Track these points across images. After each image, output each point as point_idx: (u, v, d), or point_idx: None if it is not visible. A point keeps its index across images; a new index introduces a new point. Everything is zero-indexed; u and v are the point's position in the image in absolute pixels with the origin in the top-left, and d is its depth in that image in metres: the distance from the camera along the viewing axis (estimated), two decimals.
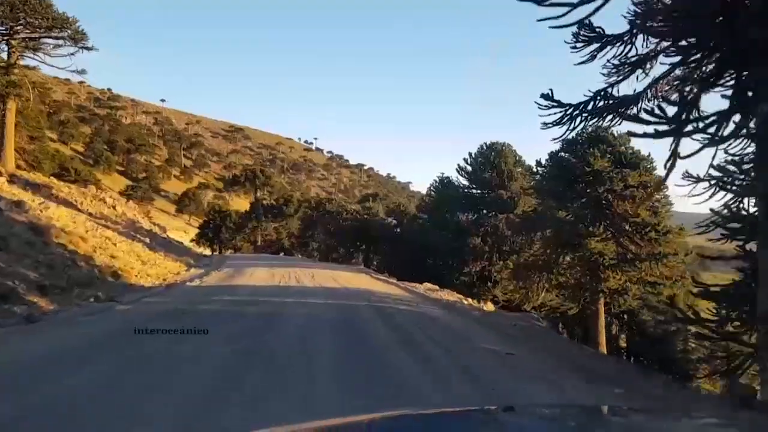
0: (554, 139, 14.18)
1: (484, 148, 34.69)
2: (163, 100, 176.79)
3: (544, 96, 13.24)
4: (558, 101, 13.33)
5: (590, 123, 13.64)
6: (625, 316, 32.66)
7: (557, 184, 26.79)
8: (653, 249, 25.60)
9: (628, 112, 13.18)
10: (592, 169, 26.30)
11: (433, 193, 36.97)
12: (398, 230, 40.73)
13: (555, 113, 13.42)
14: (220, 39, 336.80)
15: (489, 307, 19.44)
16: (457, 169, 35.31)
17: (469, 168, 35.04)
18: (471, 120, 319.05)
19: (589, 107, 13.63)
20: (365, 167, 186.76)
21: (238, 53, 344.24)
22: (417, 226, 37.39)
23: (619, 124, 13.49)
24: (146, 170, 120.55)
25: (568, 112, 13.52)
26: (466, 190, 35.13)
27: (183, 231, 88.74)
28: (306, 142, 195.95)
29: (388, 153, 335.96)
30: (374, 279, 24.91)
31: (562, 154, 27.82)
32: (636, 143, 27.79)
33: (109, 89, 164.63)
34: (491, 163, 34.12)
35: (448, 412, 2.31)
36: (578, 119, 13.77)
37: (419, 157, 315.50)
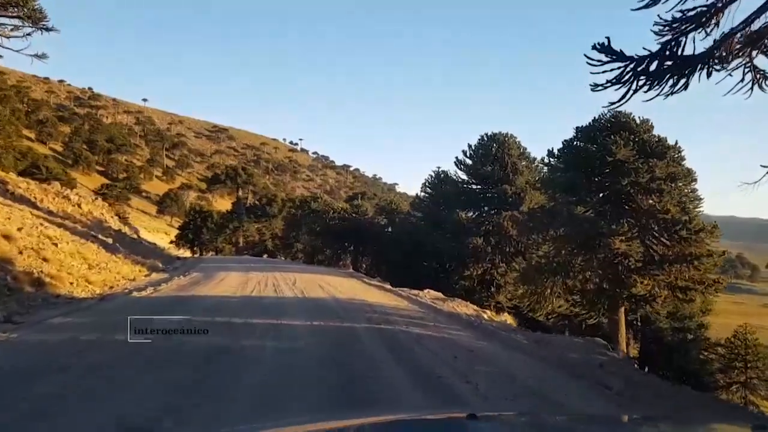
0: (612, 104, 10.65)
1: (485, 139, 31.07)
2: (145, 100, 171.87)
3: (598, 47, 9.97)
4: (618, 52, 10.12)
5: (654, 86, 10.41)
6: (639, 323, 29.40)
7: (574, 176, 23.26)
8: (684, 249, 22.18)
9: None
10: (614, 159, 22.82)
11: (428, 189, 33.27)
12: (389, 230, 36.99)
13: (613, 69, 10.17)
14: (203, 39, 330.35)
15: (510, 320, 15.79)
16: (455, 163, 31.70)
17: (468, 161, 31.41)
18: (460, 120, 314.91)
19: (653, 67, 10.47)
20: (351, 168, 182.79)
21: (223, 54, 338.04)
22: (411, 226, 33.69)
23: (685, 89, 10.40)
24: (127, 170, 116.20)
25: (630, 68, 10.25)
26: (465, 186, 31.49)
27: (164, 232, 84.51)
28: (291, 143, 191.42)
29: (374, 154, 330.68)
30: (367, 285, 21.15)
31: (578, 143, 24.31)
32: (659, 130, 24.45)
33: (89, 88, 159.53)
34: (493, 155, 30.53)
35: (415, 420, 2.48)
36: (642, 79, 10.57)
37: (406, 158, 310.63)
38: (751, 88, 9.95)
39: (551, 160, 24.83)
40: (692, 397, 8.86)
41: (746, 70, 10.29)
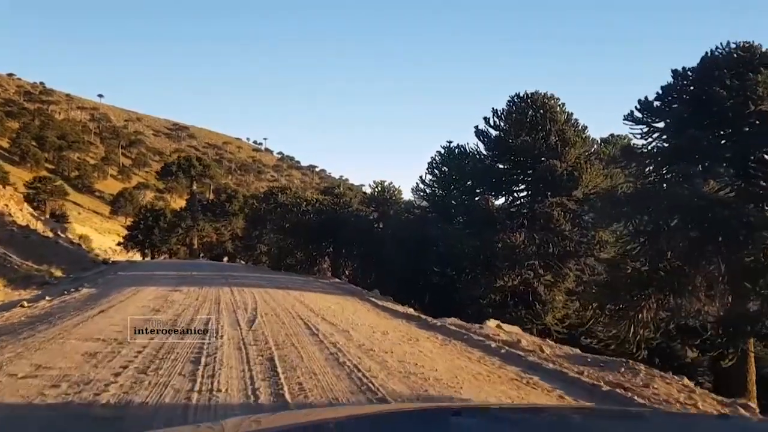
0: None
1: (517, 101, 21.98)
2: (100, 96, 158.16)
3: None
4: None
5: None
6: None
7: (697, 136, 14.29)
8: None
9: None
10: (757, 109, 14.01)
11: (436, 171, 23.98)
12: (381, 226, 27.52)
13: None
14: (163, 33, 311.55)
15: None
16: (476, 134, 22.45)
17: (493, 132, 22.27)
18: (432, 118, 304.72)
19: None
20: (317, 168, 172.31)
21: (184, 49, 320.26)
22: (414, 219, 24.30)
23: None
24: (79, 168, 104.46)
25: None
26: (492, 164, 22.30)
27: (116, 233, 73.46)
28: (255, 142, 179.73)
29: (340, 154, 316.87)
30: (388, 315, 11.57)
31: (685, 95, 15.42)
32: None
33: (41, 83, 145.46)
34: (529, 122, 21.47)
35: (395, 411, 2.31)
36: None
37: (372, 159, 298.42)
38: None
39: (644, 116, 15.80)
40: None
41: None
